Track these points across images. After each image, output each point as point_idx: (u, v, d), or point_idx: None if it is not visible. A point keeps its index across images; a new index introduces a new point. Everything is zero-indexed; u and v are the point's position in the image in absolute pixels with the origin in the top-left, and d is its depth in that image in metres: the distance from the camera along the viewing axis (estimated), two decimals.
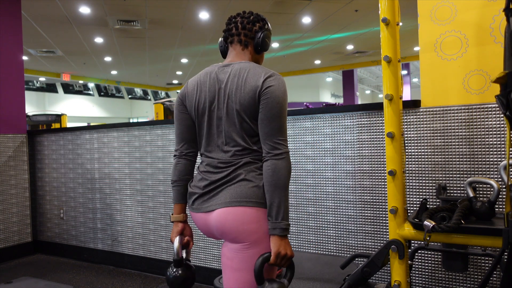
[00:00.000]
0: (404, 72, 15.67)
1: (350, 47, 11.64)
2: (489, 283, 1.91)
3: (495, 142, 1.91)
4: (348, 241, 2.35)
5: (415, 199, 2.11)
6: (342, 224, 2.36)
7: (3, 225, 3.81)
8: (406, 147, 2.11)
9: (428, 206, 1.76)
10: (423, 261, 2.10)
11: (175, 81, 18.08)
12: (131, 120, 21.56)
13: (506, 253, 1.25)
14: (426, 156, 2.07)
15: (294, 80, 18.09)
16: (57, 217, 3.92)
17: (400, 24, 1.67)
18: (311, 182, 2.46)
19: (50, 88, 17.58)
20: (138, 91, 21.08)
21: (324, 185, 2.42)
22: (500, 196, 1.85)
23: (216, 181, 1.34)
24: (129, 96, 21.11)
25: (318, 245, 2.45)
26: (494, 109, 1.90)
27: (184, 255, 1.42)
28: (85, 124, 11.94)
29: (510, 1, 1.21)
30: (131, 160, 3.35)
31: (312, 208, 2.46)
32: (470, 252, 1.66)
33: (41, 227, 4.06)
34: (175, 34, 9.27)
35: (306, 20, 8.47)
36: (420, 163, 2.09)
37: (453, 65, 1.97)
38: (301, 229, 2.50)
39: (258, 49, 1.44)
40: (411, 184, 2.12)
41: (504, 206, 1.50)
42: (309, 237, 2.48)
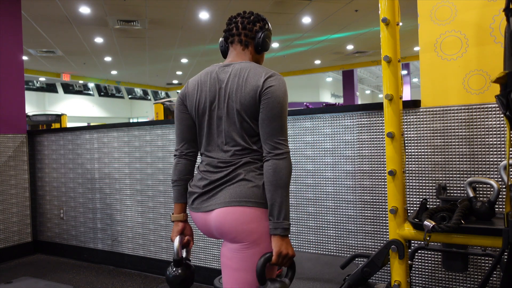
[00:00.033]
0: (404, 72, 15.68)
1: (350, 47, 11.65)
2: (489, 283, 1.91)
3: (495, 142, 1.91)
4: (348, 241, 2.35)
5: (415, 199, 2.11)
6: (342, 224, 2.36)
7: (3, 225, 3.81)
8: (406, 147, 2.11)
9: (428, 206, 1.76)
10: (423, 261, 2.11)
11: (175, 81, 18.08)
12: (131, 120, 21.56)
13: (506, 253, 1.25)
14: (426, 156, 2.07)
15: (294, 80, 18.09)
16: (57, 217, 3.92)
17: (400, 24, 1.67)
18: (311, 182, 2.46)
19: (50, 88, 17.58)
20: (138, 91, 21.08)
21: (324, 185, 2.42)
22: (500, 196, 1.85)
23: (216, 181, 1.34)
24: (129, 96, 21.11)
25: (318, 245, 2.45)
26: (494, 109, 1.90)
27: (184, 255, 1.43)
28: (85, 124, 11.94)
29: (510, 1, 1.21)
30: (131, 160, 3.36)
31: (312, 208, 2.46)
32: (470, 252, 1.66)
33: (41, 227, 4.06)
34: (175, 34, 9.27)
35: (306, 20, 8.48)
36: (420, 163, 2.09)
37: (453, 65, 1.97)
38: (301, 229, 2.50)
39: (258, 49, 1.45)
40: (411, 184, 2.12)
41: (504, 206, 1.50)
42: (309, 237, 2.48)
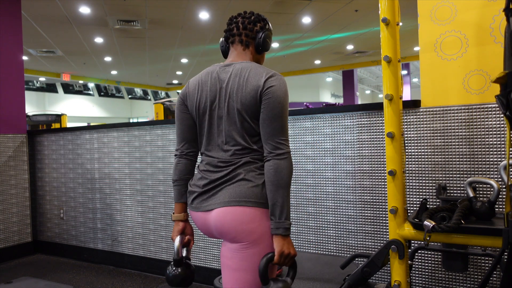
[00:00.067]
0: (404, 72, 15.68)
1: (350, 47, 11.65)
2: (489, 283, 1.91)
3: (495, 142, 1.91)
4: (348, 241, 2.35)
5: (415, 199, 2.11)
6: (342, 224, 2.36)
7: (3, 225, 3.81)
8: (406, 147, 2.11)
9: (428, 206, 1.76)
10: (423, 261, 2.11)
11: (175, 81, 18.08)
12: (131, 120, 21.56)
13: (506, 253, 1.25)
14: (426, 156, 2.07)
15: (294, 80, 18.08)
16: (57, 217, 3.92)
17: (400, 24, 1.67)
18: (311, 182, 2.46)
19: (50, 88, 17.58)
20: (138, 91, 21.08)
21: (324, 185, 2.42)
22: (500, 196, 1.85)
23: (216, 180, 1.34)
24: (129, 96, 21.11)
25: (318, 245, 2.45)
26: (494, 109, 1.90)
27: (184, 254, 1.44)
28: (85, 124, 11.94)
29: (510, 1, 1.21)
30: (131, 160, 3.36)
31: (312, 208, 2.46)
32: (470, 252, 1.66)
33: (41, 227, 4.06)
34: (175, 34, 9.27)
35: (306, 20, 8.48)
36: (420, 163, 2.09)
37: (453, 65, 1.97)
38: (301, 229, 2.50)
39: (259, 49, 1.45)
40: (411, 184, 2.12)
41: (504, 206, 1.50)
42: (309, 237, 2.48)
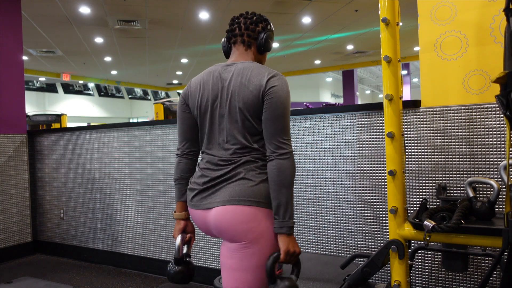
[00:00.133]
0: (404, 72, 15.68)
1: (350, 47, 11.65)
2: (489, 283, 1.91)
3: (495, 142, 1.91)
4: (348, 241, 2.35)
5: (415, 199, 2.11)
6: (342, 224, 2.36)
7: (3, 225, 3.81)
8: (406, 147, 2.11)
9: (428, 206, 1.76)
10: (423, 261, 2.11)
11: (175, 81, 18.08)
12: (131, 120, 21.56)
13: (506, 253, 1.25)
14: (426, 156, 2.07)
15: (294, 80, 18.07)
16: (57, 217, 3.92)
17: (400, 24, 1.67)
18: (311, 182, 2.46)
19: (50, 88, 17.58)
20: (138, 91, 21.08)
21: (324, 185, 2.42)
22: (500, 196, 1.85)
23: (216, 178, 1.35)
24: (129, 96, 21.11)
25: (318, 245, 2.45)
26: (494, 109, 1.90)
27: (185, 250, 1.47)
28: (85, 124, 11.94)
29: (510, 1, 1.21)
30: (131, 160, 3.36)
31: (312, 208, 2.46)
32: (470, 252, 1.66)
33: (41, 227, 4.06)
34: (175, 34, 9.27)
35: (306, 20, 8.48)
36: (420, 163, 2.09)
37: (453, 65, 1.97)
38: (301, 229, 2.50)
39: (261, 50, 1.45)
40: (411, 184, 2.12)
41: (504, 206, 1.50)
42: (309, 237, 2.48)
